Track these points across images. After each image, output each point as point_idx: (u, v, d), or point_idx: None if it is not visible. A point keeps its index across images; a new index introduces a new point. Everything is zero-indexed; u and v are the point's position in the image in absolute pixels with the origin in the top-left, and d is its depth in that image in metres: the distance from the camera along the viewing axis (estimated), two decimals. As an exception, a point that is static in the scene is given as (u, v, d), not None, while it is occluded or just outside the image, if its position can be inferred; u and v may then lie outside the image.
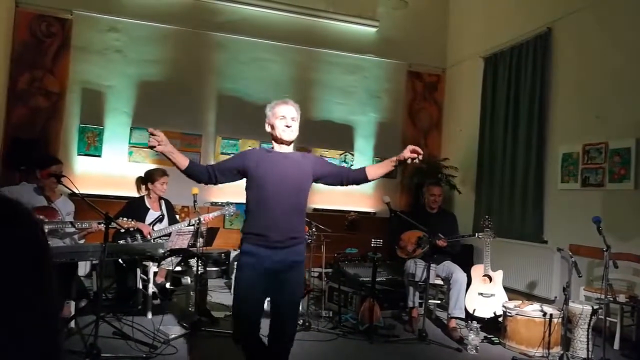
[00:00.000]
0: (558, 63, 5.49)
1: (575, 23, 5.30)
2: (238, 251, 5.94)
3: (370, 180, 2.77)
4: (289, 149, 2.65)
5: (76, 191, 3.55)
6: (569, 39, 5.38)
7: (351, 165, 6.97)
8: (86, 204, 3.55)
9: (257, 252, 2.46)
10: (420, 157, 2.63)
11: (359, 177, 2.73)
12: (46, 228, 3.70)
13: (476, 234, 4.63)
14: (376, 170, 2.76)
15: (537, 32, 5.69)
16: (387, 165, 2.73)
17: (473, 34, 6.99)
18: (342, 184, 2.75)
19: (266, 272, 2.46)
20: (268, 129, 2.65)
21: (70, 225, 3.87)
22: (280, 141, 2.60)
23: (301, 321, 4.23)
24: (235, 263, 4.41)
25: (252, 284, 2.46)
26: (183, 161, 2.54)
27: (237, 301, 2.54)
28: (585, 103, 5.10)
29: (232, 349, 3.59)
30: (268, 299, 2.61)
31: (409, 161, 2.64)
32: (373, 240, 4.30)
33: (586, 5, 5.14)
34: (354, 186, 2.86)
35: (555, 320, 3.80)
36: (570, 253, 3.80)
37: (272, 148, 2.66)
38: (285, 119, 2.58)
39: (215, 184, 2.65)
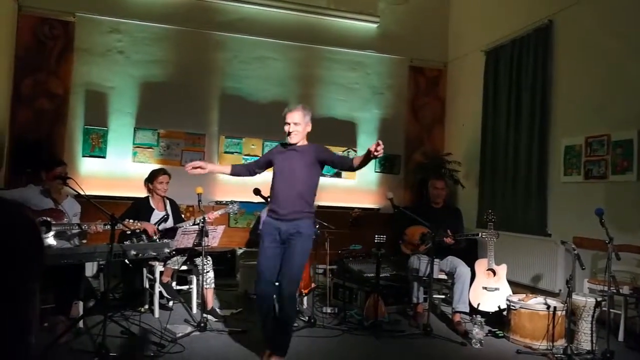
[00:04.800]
0: (559, 55, 5.48)
1: (576, 15, 5.29)
2: (243, 249, 5.99)
3: (355, 168, 3.30)
4: (300, 143, 3.36)
5: (82, 192, 3.59)
6: (570, 31, 5.37)
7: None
8: (92, 205, 3.60)
9: (270, 221, 3.31)
10: (381, 147, 2.91)
11: (347, 164, 3.37)
12: (53, 230, 3.75)
13: (480, 234, 4.63)
14: (358, 159, 3.27)
15: (538, 24, 5.68)
16: (366, 155, 3.09)
17: (474, 28, 6.98)
18: (335, 168, 3.71)
19: (277, 238, 3.24)
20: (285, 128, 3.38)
21: (76, 226, 3.92)
22: (292, 142, 3.33)
23: (306, 317, 4.27)
24: (241, 261, 4.56)
25: (271, 247, 3.25)
26: (226, 170, 3.57)
27: (260, 259, 3.27)
28: (587, 95, 5.10)
29: (239, 346, 3.64)
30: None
31: (375, 153, 2.93)
32: (377, 236, 4.32)
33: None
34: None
35: (559, 313, 3.81)
36: (574, 246, 3.82)
37: (287, 144, 3.39)
38: (289, 125, 3.30)
39: (253, 175, 3.61)
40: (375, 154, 2.92)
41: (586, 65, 5.14)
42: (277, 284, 3.20)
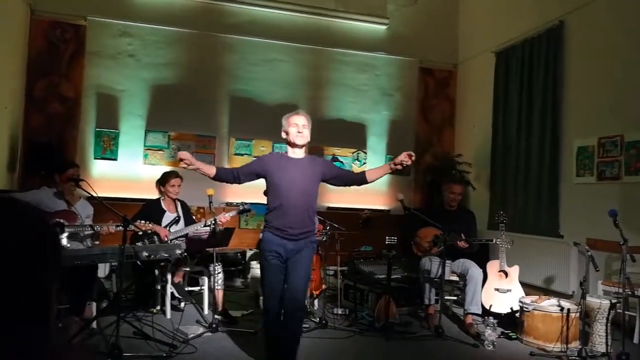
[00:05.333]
0: (571, 56, 5.45)
1: (587, 15, 5.25)
2: (254, 251, 6.00)
3: (369, 182, 3.26)
4: (301, 152, 3.16)
5: (94, 194, 3.62)
6: (581, 32, 5.33)
7: (364, 163, 6.98)
8: (104, 207, 3.62)
9: (274, 240, 3.05)
10: (412, 159, 3.06)
11: (359, 179, 3.29)
12: (67, 231, 3.78)
13: (494, 240, 4.60)
14: (374, 173, 3.28)
15: (549, 25, 5.65)
16: (384, 169, 3.27)
17: (484, 29, 6.96)
18: (345, 185, 3.37)
19: (281, 256, 3.04)
20: (283, 135, 3.17)
21: (89, 228, 3.95)
22: (294, 145, 3.12)
23: (317, 319, 4.27)
24: (251, 262, 4.57)
25: (275, 266, 3.05)
26: (210, 171, 3.15)
27: (265, 276, 3.10)
28: (600, 96, 5.05)
29: (250, 347, 3.65)
30: None
31: (404, 164, 3.07)
32: (387, 238, 4.31)
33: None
34: (365, 185, 3.38)
35: (572, 315, 3.78)
36: (587, 247, 3.79)
37: (286, 153, 3.18)
38: (297, 127, 3.10)
39: (239, 183, 3.23)
40: (404, 164, 3.04)
41: (598, 66, 5.10)
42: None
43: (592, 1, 5.17)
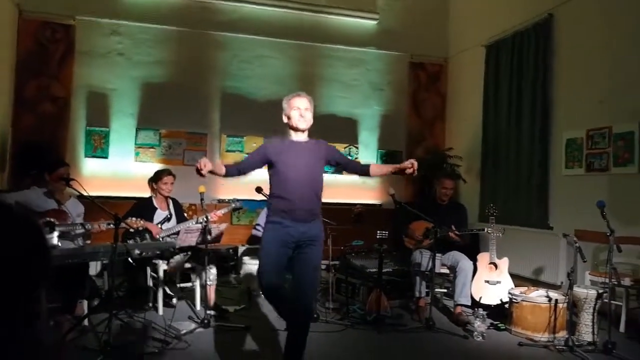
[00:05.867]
0: (560, 49, 5.48)
1: (576, 8, 5.28)
2: (246, 247, 6.00)
3: (371, 176, 3.28)
4: (304, 136, 3.02)
5: (85, 193, 3.63)
6: (570, 25, 5.36)
7: (356, 158, 7.01)
8: (95, 206, 3.64)
9: (283, 221, 2.86)
10: (413, 169, 3.08)
11: (363, 171, 3.24)
12: (57, 230, 3.79)
13: (485, 229, 4.64)
14: (378, 170, 3.29)
15: (538, 18, 5.68)
16: (387, 169, 3.28)
17: (474, 23, 6.98)
18: (348, 172, 3.41)
19: (290, 242, 2.85)
20: (285, 120, 3.04)
21: (80, 227, 3.96)
22: (296, 129, 2.99)
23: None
24: (243, 258, 4.57)
25: (280, 243, 2.85)
26: (221, 171, 3.01)
27: (264, 255, 2.88)
28: (588, 88, 5.09)
29: (243, 342, 3.68)
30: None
31: (407, 171, 3.09)
32: (379, 232, 4.34)
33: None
34: (361, 179, 3.65)
35: (560, 305, 3.83)
36: (575, 238, 3.84)
37: (289, 136, 3.03)
38: (299, 110, 2.97)
39: (245, 175, 3.11)
40: (409, 172, 3.08)
41: (587, 59, 5.13)
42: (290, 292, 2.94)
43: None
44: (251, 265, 5.50)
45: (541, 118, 5.58)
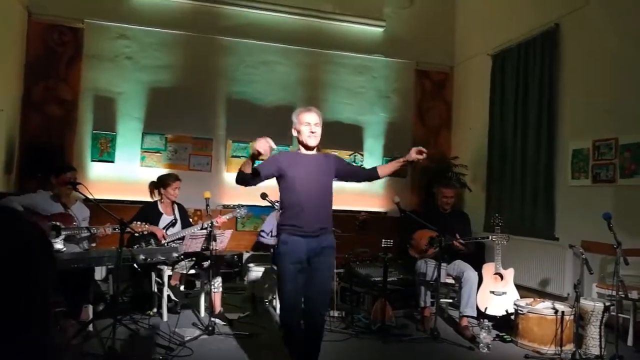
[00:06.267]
0: (567, 59, 5.47)
1: (583, 18, 5.28)
2: (251, 253, 5.99)
3: (381, 177, 3.24)
4: (314, 150, 3.05)
5: (91, 197, 3.63)
6: (577, 35, 5.36)
7: (361, 165, 7.00)
8: (101, 210, 3.64)
9: (293, 240, 2.88)
10: (424, 155, 3.06)
11: (371, 175, 3.23)
12: (63, 234, 3.79)
13: (490, 236, 4.62)
14: (385, 169, 3.25)
15: (544, 28, 5.68)
16: (394, 165, 3.23)
17: (480, 32, 6.98)
18: (357, 181, 3.38)
19: (301, 258, 2.87)
20: (294, 134, 3.05)
21: (86, 230, 3.96)
22: (306, 146, 3.00)
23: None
24: (248, 264, 4.58)
25: (294, 270, 2.86)
26: (249, 170, 2.90)
27: (283, 284, 2.91)
28: (595, 99, 5.08)
29: (246, 350, 3.66)
30: None
31: (415, 160, 3.08)
32: (384, 240, 4.33)
33: (593, 0, 5.12)
34: (367, 183, 3.53)
35: (567, 318, 3.80)
36: (582, 250, 3.81)
37: (299, 150, 3.06)
38: (309, 126, 2.97)
39: (255, 185, 3.03)
40: (416, 160, 3.06)
41: (593, 69, 5.13)
42: (303, 306, 2.95)
43: (587, 4, 5.20)
44: (256, 272, 5.49)
45: (547, 128, 5.57)
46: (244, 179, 2.94)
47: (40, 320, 0.70)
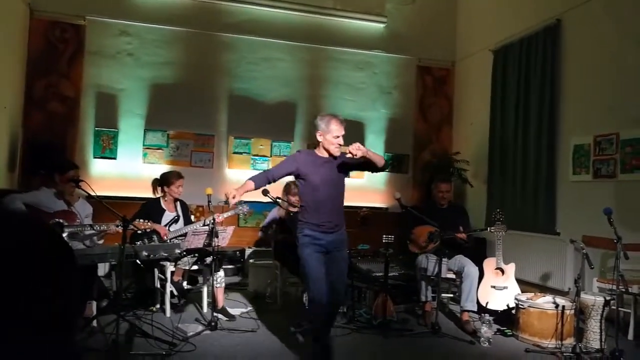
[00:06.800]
0: (568, 54, 5.47)
1: (584, 14, 5.27)
2: (253, 249, 6.01)
3: (377, 165, 3.36)
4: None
5: (93, 194, 3.66)
6: (578, 30, 5.35)
7: (362, 161, 7.01)
8: (103, 207, 3.66)
9: (314, 234, 3.26)
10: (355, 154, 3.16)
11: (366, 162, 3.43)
12: (66, 231, 3.82)
13: (488, 228, 4.65)
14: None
15: (546, 23, 5.67)
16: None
17: (482, 27, 6.98)
18: (370, 170, 3.51)
19: (322, 249, 3.25)
20: (319, 137, 3.33)
21: (89, 228, 3.99)
22: (329, 154, 3.32)
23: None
24: (250, 260, 4.63)
25: (317, 255, 3.23)
26: (251, 187, 3.29)
27: (308, 265, 3.20)
28: (596, 94, 5.08)
29: (249, 345, 3.69)
30: None
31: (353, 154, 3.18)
32: (385, 236, 4.35)
33: (595, -5, 5.12)
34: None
35: (567, 312, 3.82)
36: (582, 244, 3.83)
37: (315, 151, 3.39)
38: (338, 139, 3.28)
39: (274, 182, 3.39)
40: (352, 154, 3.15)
41: (595, 64, 5.12)
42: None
43: (589, 0, 5.19)
44: (258, 267, 5.52)
45: (548, 123, 5.57)
46: (257, 189, 3.36)
47: (57, 323, 0.70)
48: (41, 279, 0.68)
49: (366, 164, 3.42)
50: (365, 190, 6.94)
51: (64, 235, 3.78)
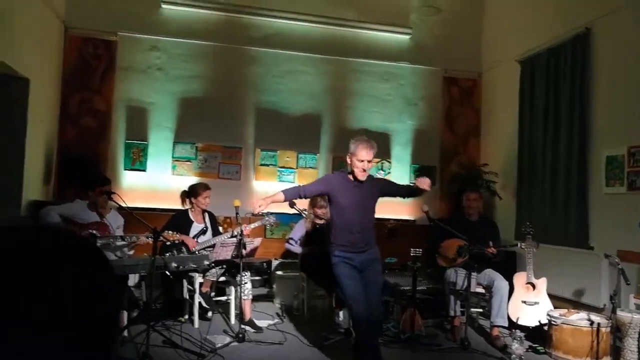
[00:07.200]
0: (598, 64, 5.36)
1: (615, 22, 5.16)
2: (280, 260, 6.04)
3: (420, 190, 3.53)
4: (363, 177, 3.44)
5: (124, 205, 3.74)
6: (609, 39, 5.24)
7: (389, 172, 6.99)
8: (134, 218, 3.74)
9: (346, 255, 3.39)
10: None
11: (413, 190, 3.68)
12: (99, 242, 3.90)
13: (519, 244, 4.55)
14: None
15: (575, 32, 5.57)
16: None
17: (508, 37, 6.90)
18: (402, 197, 3.86)
19: (355, 266, 3.37)
20: (348, 160, 3.47)
21: (120, 239, 4.07)
22: (355, 178, 3.42)
23: (343, 330, 4.28)
24: (277, 272, 4.65)
25: (351, 271, 3.35)
26: (280, 198, 3.48)
27: (345, 285, 3.32)
28: (629, 104, 4.95)
29: (277, 358, 3.69)
30: None
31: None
32: (412, 250, 4.31)
33: (626, 3, 5.01)
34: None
35: (603, 329, 3.71)
36: (618, 259, 3.72)
37: (348, 175, 3.48)
38: (363, 163, 3.36)
39: (304, 199, 3.67)
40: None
41: (627, 73, 5.00)
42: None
43: (619, 7, 5.09)
44: (284, 279, 5.53)
45: (579, 134, 5.45)
46: (285, 201, 3.60)
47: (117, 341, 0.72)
48: (84, 288, 0.70)
49: (410, 193, 3.69)
50: (392, 202, 6.86)
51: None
